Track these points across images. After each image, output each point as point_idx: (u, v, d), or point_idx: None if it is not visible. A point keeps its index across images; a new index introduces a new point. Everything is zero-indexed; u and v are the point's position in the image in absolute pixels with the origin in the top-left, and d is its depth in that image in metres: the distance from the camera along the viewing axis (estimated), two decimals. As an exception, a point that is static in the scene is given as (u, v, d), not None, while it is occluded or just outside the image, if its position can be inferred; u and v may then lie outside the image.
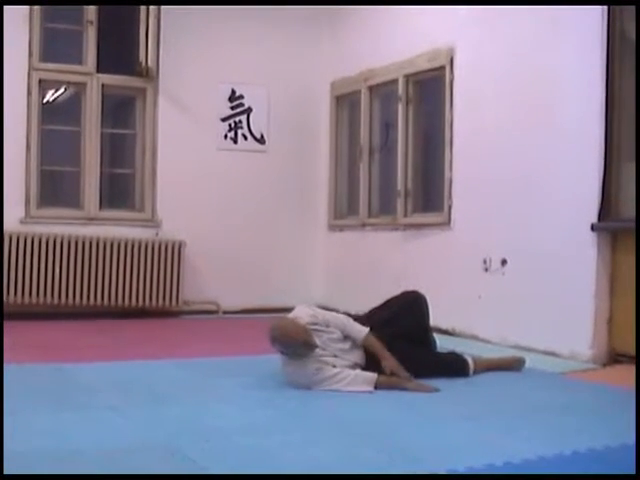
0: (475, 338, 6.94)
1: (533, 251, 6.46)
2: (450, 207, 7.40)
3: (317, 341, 4.90)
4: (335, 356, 4.97)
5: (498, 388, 5.07)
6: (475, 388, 5.06)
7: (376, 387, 4.82)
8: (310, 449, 3.52)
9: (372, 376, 4.87)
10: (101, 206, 8.55)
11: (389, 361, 4.96)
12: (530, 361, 5.85)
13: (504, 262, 6.77)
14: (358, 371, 4.93)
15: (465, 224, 7.22)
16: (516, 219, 6.65)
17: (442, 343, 6.86)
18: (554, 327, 6.22)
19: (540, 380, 5.39)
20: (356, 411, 4.32)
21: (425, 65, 7.76)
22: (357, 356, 5.08)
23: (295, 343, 4.82)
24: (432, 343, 5.63)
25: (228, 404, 4.42)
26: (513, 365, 5.63)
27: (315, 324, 4.99)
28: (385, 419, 4.17)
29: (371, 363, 5.03)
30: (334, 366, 4.89)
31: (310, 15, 9.20)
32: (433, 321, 5.77)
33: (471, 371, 5.38)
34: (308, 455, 3.42)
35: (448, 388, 4.95)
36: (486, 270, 6.94)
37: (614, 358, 5.94)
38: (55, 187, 8.81)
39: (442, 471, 3.18)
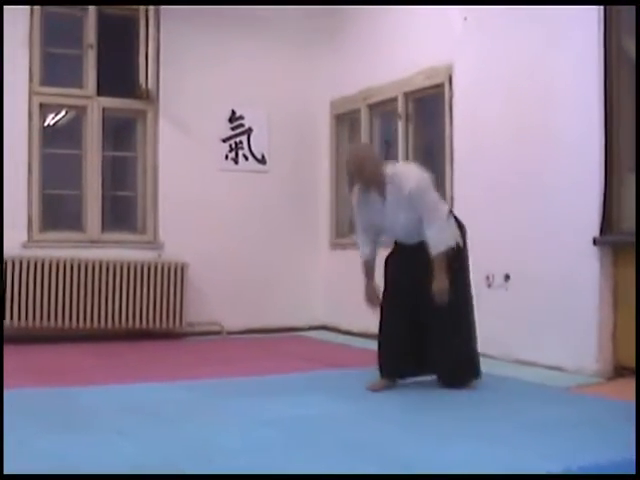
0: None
1: (536, 266, 6.46)
2: (452, 224, 7.39)
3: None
4: None
5: (503, 403, 5.06)
6: (479, 403, 5.04)
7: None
8: (314, 468, 3.50)
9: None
10: (103, 229, 8.56)
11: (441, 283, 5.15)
12: (535, 376, 5.84)
13: (507, 278, 6.77)
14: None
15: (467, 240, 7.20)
16: (518, 234, 6.65)
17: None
18: (558, 342, 6.21)
19: (546, 395, 5.38)
20: (360, 430, 4.30)
21: (424, 83, 7.78)
22: None
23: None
24: None
25: (232, 425, 4.40)
26: None
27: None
28: (390, 437, 4.15)
29: None
30: None
31: (309, 35, 9.24)
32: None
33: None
34: (315, 471, 3.41)
35: (451, 404, 4.95)
36: (489, 286, 6.93)
37: (619, 372, 5.93)
38: (57, 210, 8.82)
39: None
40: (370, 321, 5.90)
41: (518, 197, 6.67)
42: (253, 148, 9.13)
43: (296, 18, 9.17)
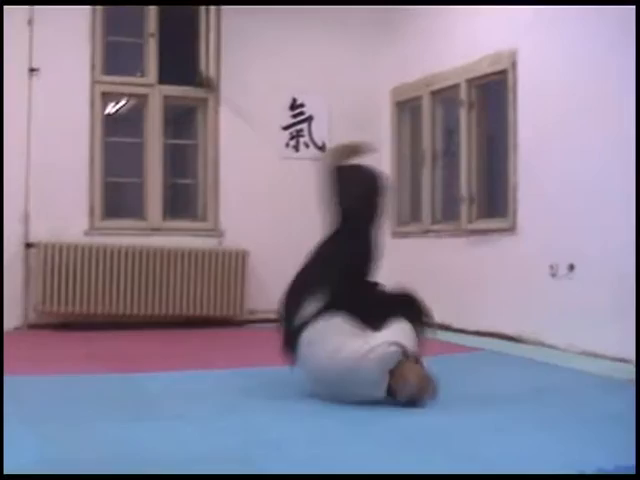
0: (541, 344, 6.82)
1: (600, 256, 6.33)
2: (515, 212, 7.30)
3: None
4: None
5: (567, 395, 4.98)
6: (543, 395, 4.96)
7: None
8: (384, 457, 3.46)
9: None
10: (164, 216, 8.61)
11: None
12: (599, 368, 5.74)
13: (571, 267, 6.66)
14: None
15: (531, 229, 7.12)
16: (583, 223, 6.53)
17: (507, 350, 6.79)
18: (623, 333, 6.07)
19: (609, 387, 5.27)
20: (422, 418, 4.24)
21: (487, 69, 7.68)
22: None
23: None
24: None
25: (296, 413, 4.37)
26: None
27: None
28: (451, 427, 4.08)
29: None
30: None
31: (370, 22, 9.17)
32: (498, 327, 5.66)
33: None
34: (383, 463, 3.37)
35: (514, 394, 4.88)
36: (553, 276, 6.83)
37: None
38: (119, 198, 8.91)
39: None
40: (442, 312, 5.82)
41: (583, 185, 6.55)
42: (314, 136, 9.11)
43: (357, 6, 9.09)
